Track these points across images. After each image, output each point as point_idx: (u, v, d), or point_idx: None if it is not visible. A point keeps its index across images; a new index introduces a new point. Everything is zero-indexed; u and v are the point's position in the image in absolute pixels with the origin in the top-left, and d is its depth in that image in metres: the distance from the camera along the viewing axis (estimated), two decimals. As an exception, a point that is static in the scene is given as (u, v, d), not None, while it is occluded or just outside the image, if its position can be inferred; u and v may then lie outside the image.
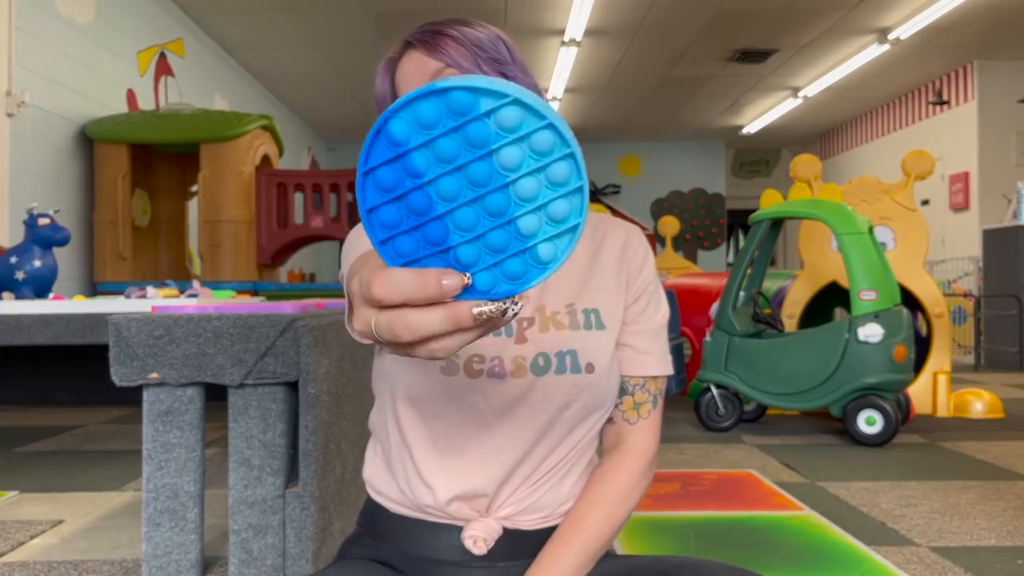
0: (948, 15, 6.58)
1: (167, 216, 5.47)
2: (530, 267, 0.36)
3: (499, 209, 0.35)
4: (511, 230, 0.35)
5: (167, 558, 1.48)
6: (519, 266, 0.36)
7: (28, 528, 2.12)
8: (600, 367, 0.84)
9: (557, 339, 0.84)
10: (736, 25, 6.92)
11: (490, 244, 0.35)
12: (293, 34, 7.01)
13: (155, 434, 1.48)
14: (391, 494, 0.87)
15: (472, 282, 0.36)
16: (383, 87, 0.87)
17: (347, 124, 10.40)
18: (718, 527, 2.17)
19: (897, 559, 1.90)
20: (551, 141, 0.35)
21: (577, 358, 0.83)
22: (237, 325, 1.44)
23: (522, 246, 0.36)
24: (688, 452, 3.15)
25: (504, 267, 0.36)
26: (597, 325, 0.85)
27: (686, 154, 12.10)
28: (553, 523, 0.86)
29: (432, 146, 0.35)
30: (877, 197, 4.19)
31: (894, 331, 3.29)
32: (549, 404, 0.83)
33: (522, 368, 0.82)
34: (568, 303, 0.86)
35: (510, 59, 0.85)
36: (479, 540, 0.81)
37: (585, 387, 0.83)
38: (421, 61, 0.83)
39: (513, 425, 0.83)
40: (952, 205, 8.45)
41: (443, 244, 0.36)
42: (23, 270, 2.26)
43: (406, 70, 0.84)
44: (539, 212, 0.35)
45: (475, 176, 0.35)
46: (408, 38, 0.85)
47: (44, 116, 4.52)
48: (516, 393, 0.82)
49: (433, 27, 0.85)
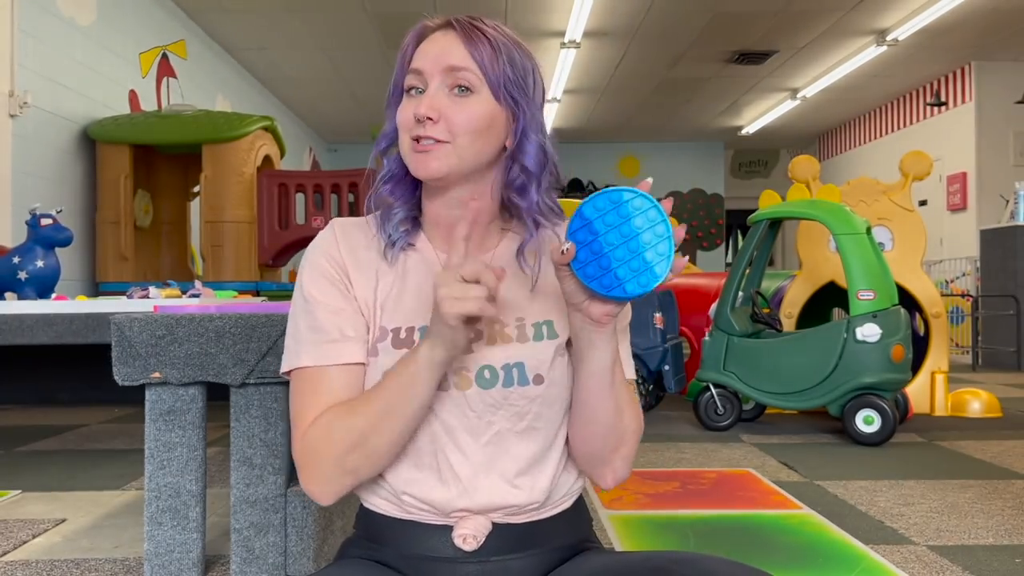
0: (946, 16, 6.60)
1: (169, 216, 5.48)
2: (651, 279, 0.69)
3: (636, 249, 0.70)
4: (641, 259, 0.70)
5: (169, 556, 1.49)
6: (647, 278, 0.70)
7: (30, 527, 2.13)
8: (549, 377, 0.84)
9: (503, 352, 0.84)
10: (735, 26, 6.93)
11: (632, 267, 0.70)
12: (295, 35, 7.02)
13: (157, 433, 1.49)
14: (374, 500, 0.88)
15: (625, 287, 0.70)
16: (405, 48, 0.88)
17: (348, 125, 10.40)
18: (717, 526, 2.18)
19: (895, 558, 1.91)
20: (656, 215, 0.71)
21: (524, 370, 0.84)
22: (239, 325, 1.46)
23: (647, 267, 0.70)
24: (687, 451, 3.16)
25: (639, 279, 0.70)
26: (549, 335, 0.86)
27: (685, 155, 12.10)
28: (542, 517, 0.87)
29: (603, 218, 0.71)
30: (875, 198, 4.21)
31: (892, 331, 3.30)
32: (499, 416, 0.84)
33: (466, 380, 0.83)
34: (518, 317, 0.86)
35: (529, 94, 0.87)
36: (469, 537, 0.82)
37: (535, 398, 0.84)
38: (451, 44, 0.84)
39: (467, 436, 0.84)
40: (950, 206, 8.46)
41: (609, 268, 0.70)
42: (25, 270, 2.27)
43: (437, 46, 0.85)
44: (654, 249, 0.70)
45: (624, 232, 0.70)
46: (453, 20, 0.86)
47: (46, 117, 4.53)
48: (463, 405, 0.83)
49: (480, 24, 0.86)
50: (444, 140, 0.82)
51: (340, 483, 0.82)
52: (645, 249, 0.69)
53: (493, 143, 0.86)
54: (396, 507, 0.86)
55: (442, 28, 0.86)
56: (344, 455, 0.80)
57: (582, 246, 0.70)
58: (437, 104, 0.82)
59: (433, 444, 0.84)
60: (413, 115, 0.83)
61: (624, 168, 12.22)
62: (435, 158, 0.83)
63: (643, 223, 0.69)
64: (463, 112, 0.83)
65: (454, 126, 0.82)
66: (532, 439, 0.85)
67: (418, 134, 0.83)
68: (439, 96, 0.83)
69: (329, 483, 0.82)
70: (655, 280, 0.69)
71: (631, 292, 0.69)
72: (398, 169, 0.89)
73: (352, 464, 0.81)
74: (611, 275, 0.69)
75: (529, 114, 0.87)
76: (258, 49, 7.43)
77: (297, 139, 9.89)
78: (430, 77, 0.84)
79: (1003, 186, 7.61)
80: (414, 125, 0.83)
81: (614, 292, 0.70)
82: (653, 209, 0.70)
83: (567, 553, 0.88)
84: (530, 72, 0.87)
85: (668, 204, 0.72)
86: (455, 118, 0.83)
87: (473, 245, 0.87)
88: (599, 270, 0.69)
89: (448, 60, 0.83)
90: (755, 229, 3.74)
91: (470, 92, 0.84)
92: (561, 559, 0.88)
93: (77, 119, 4.86)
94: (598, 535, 1.19)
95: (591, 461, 0.88)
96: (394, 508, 0.87)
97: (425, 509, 0.84)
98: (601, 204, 0.70)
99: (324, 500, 0.83)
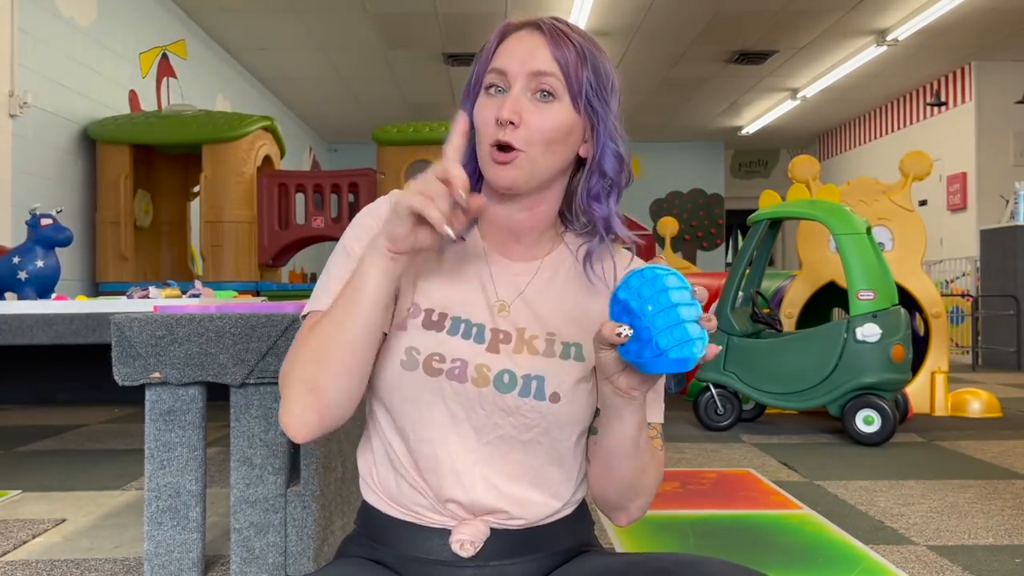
0: (946, 16, 6.60)
1: (169, 216, 5.48)
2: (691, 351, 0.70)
3: (676, 319, 0.70)
4: (682, 329, 0.70)
5: (169, 556, 1.49)
6: (687, 350, 0.70)
7: (30, 527, 2.13)
8: (566, 398, 0.84)
9: (528, 362, 0.84)
10: (735, 26, 6.93)
11: (674, 335, 0.70)
12: (295, 35, 7.02)
13: (157, 433, 1.49)
14: (378, 494, 0.88)
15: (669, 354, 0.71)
16: (489, 44, 0.86)
17: (348, 125, 10.41)
18: (717, 526, 2.19)
19: (895, 558, 1.91)
20: (687, 295, 0.71)
21: (543, 385, 0.83)
22: (239, 325, 1.46)
23: (689, 338, 0.70)
24: (687, 451, 3.16)
25: (681, 349, 0.70)
26: (576, 357, 0.85)
27: (685, 155, 12.11)
28: (542, 523, 0.86)
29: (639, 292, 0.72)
30: (875, 198, 4.21)
31: (892, 331, 3.30)
32: (507, 421, 0.83)
33: (485, 377, 0.83)
34: (549, 332, 0.86)
35: (608, 103, 0.86)
36: (466, 543, 0.82)
37: (547, 415, 0.83)
38: (536, 47, 0.83)
39: (470, 430, 0.84)
40: (950, 206, 8.46)
41: (650, 340, 0.71)
42: (26, 270, 2.27)
43: (522, 46, 0.83)
44: (691, 323, 0.70)
45: (663, 303, 0.71)
46: (540, 21, 0.85)
47: (46, 117, 4.53)
48: (474, 400, 0.83)
49: (567, 28, 0.85)
50: (521, 149, 0.81)
51: (304, 403, 0.78)
52: (684, 321, 0.70)
53: (568, 152, 0.85)
54: (397, 507, 0.86)
55: (528, 28, 0.85)
56: (304, 367, 0.79)
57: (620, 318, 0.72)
58: (519, 108, 0.81)
59: (436, 431, 0.83)
60: (495, 118, 0.82)
61: (624, 168, 12.21)
62: (515, 167, 0.82)
63: (679, 298, 0.70)
64: (545, 119, 0.82)
65: (533, 132, 0.81)
66: (533, 452, 0.85)
67: (498, 139, 0.81)
68: (522, 100, 0.82)
69: (296, 403, 0.78)
70: (694, 355, 0.69)
71: (673, 359, 0.70)
72: (467, 163, 0.87)
73: (311, 375, 0.78)
74: (652, 346, 0.70)
75: (609, 123, 0.86)
76: (258, 49, 7.43)
77: (297, 139, 9.89)
78: (514, 79, 0.82)
79: (1003, 186, 7.61)
80: (495, 128, 0.82)
81: (657, 360, 0.70)
82: (686, 290, 0.71)
83: (567, 557, 0.88)
84: (612, 80, 0.87)
85: (702, 293, 0.75)
86: (536, 124, 0.81)
87: (524, 248, 0.89)
88: (640, 345, 0.71)
89: (534, 64, 0.82)
90: (755, 229, 3.74)
91: (552, 99, 0.82)
92: (560, 563, 0.87)
93: (77, 119, 4.86)
94: (598, 536, 1.19)
95: (607, 504, 0.89)
96: (393, 507, 0.87)
97: (419, 503, 0.84)
98: (633, 282, 0.72)
99: (295, 431, 0.79)
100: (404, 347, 0.83)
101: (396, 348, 0.83)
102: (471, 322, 0.85)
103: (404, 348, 0.83)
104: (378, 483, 0.88)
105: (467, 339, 0.84)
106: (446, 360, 0.82)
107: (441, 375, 0.82)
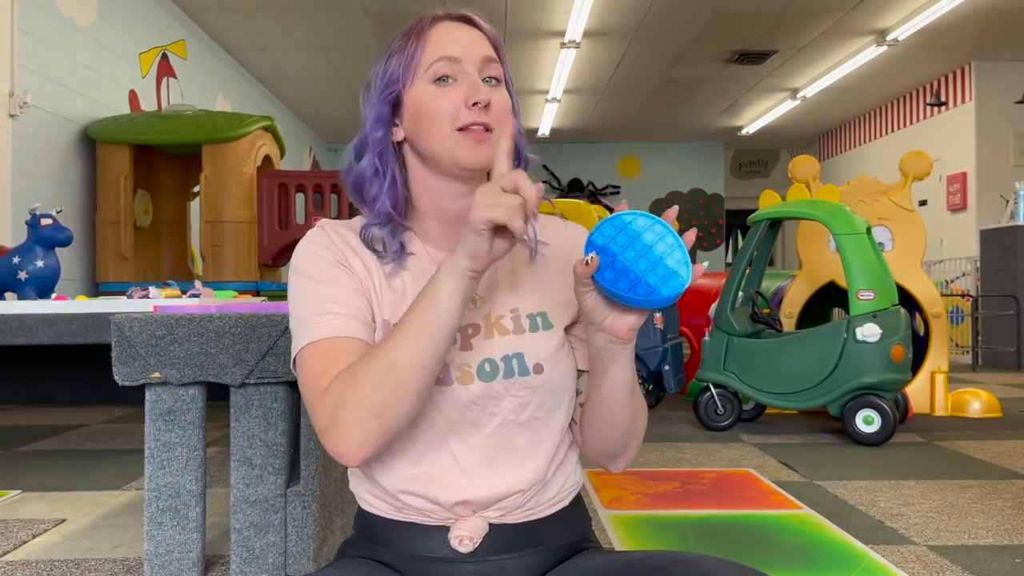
0: (946, 16, 6.60)
1: (169, 216, 5.48)
2: (679, 282, 0.73)
3: (656, 259, 0.73)
4: (664, 267, 0.73)
5: (169, 556, 1.49)
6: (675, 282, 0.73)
7: (30, 527, 2.13)
8: (548, 366, 0.85)
9: (502, 344, 0.85)
10: (735, 26, 6.93)
11: (658, 274, 0.73)
12: (295, 35, 7.02)
13: (157, 433, 1.49)
14: (371, 502, 0.89)
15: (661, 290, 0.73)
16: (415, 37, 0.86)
17: (348, 125, 10.40)
18: (717, 526, 2.19)
19: (895, 558, 1.91)
20: (661, 228, 0.73)
21: (524, 360, 0.85)
22: (239, 325, 1.46)
23: (672, 272, 0.73)
24: (687, 451, 3.16)
25: (669, 282, 0.73)
26: (544, 326, 0.87)
27: (685, 155, 12.11)
28: (540, 515, 0.87)
29: (613, 240, 0.73)
30: (875, 198, 4.21)
31: (892, 331, 3.30)
32: (502, 408, 0.84)
33: (468, 375, 0.83)
34: (512, 308, 0.87)
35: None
36: (465, 539, 0.83)
37: (536, 387, 0.85)
38: (474, 36, 0.87)
39: (469, 428, 0.84)
40: (950, 206, 8.46)
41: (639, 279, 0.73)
42: (25, 270, 2.26)
43: (462, 35, 0.86)
44: (671, 257, 0.73)
45: (638, 248, 0.73)
46: (465, 14, 0.88)
47: (46, 117, 4.53)
48: (466, 399, 0.83)
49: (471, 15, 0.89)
50: (492, 129, 0.84)
51: (368, 429, 0.75)
52: (663, 258, 0.72)
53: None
54: (393, 509, 0.87)
55: (453, 20, 0.88)
56: (371, 392, 0.75)
57: (604, 267, 0.73)
58: (485, 91, 0.84)
59: (436, 438, 0.84)
60: (470, 101, 0.83)
61: (624, 168, 12.22)
62: (487, 146, 0.83)
63: (652, 237, 0.73)
64: (501, 101, 0.86)
65: (498, 113, 0.84)
66: (534, 429, 0.86)
67: (474, 120, 0.83)
68: (485, 86, 0.85)
69: (358, 429, 0.75)
70: (683, 283, 0.72)
71: (667, 295, 0.73)
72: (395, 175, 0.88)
73: (380, 400, 0.75)
74: (643, 284, 0.72)
75: (518, 103, 0.91)
76: (258, 49, 7.43)
77: (297, 139, 9.89)
78: (468, 65, 0.85)
79: (1003, 186, 7.61)
80: (465, 112, 0.83)
81: (652, 297, 0.73)
82: (657, 224, 0.73)
83: (566, 552, 0.88)
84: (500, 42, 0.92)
85: (672, 213, 0.74)
86: (499, 105, 0.85)
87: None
88: (629, 283, 0.73)
89: (483, 51, 0.86)
90: (755, 229, 3.74)
91: (499, 84, 0.87)
92: (559, 559, 0.88)
93: (77, 119, 4.86)
94: (598, 535, 1.19)
95: (605, 455, 0.91)
96: (391, 510, 0.87)
97: (423, 509, 0.84)
98: (607, 231, 0.73)
99: (353, 457, 0.77)
100: None
101: None
102: None
103: None
104: (374, 493, 0.88)
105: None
106: None
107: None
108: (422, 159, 0.88)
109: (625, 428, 0.87)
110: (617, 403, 0.84)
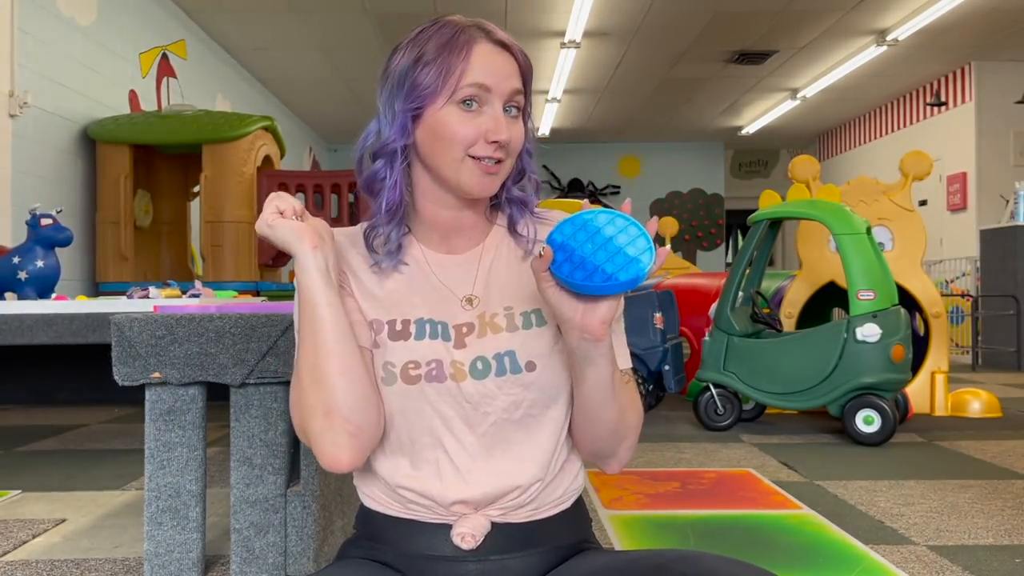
0: (946, 16, 6.60)
1: (169, 216, 5.48)
2: (639, 268, 0.73)
3: (615, 250, 0.74)
4: (623, 255, 0.74)
5: (169, 556, 1.49)
6: (635, 268, 0.74)
7: (30, 527, 2.13)
8: (541, 364, 0.85)
9: (494, 342, 0.86)
10: (735, 26, 6.93)
11: (616, 263, 0.73)
12: (295, 35, 7.02)
13: (157, 433, 1.49)
14: (374, 498, 0.89)
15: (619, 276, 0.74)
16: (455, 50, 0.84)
17: (348, 125, 10.40)
18: (717, 526, 2.19)
19: (895, 558, 1.91)
20: (622, 221, 0.75)
21: (516, 358, 0.85)
22: (239, 325, 1.46)
23: (632, 259, 0.74)
24: (687, 451, 3.16)
25: (627, 269, 0.73)
26: (538, 322, 0.87)
27: (685, 155, 12.11)
28: (542, 516, 0.87)
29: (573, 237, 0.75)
30: (875, 198, 4.21)
31: (892, 331, 3.30)
32: (496, 406, 0.85)
33: (461, 372, 0.84)
34: (506, 306, 0.88)
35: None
36: (467, 536, 0.83)
37: (529, 385, 0.85)
38: (509, 64, 0.87)
39: (464, 427, 0.85)
40: (950, 206, 8.46)
41: (597, 269, 0.74)
42: (25, 270, 2.26)
43: (499, 63, 0.86)
44: (632, 245, 0.74)
45: (598, 241, 0.74)
46: (508, 40, 0.87)
47: (46, 117, 4.53)
48: (459, 395, 0.84)
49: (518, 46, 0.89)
50: (504, 161, 0.87)
51: (329, 429, 0.81)
52: (623, 248, 0.73)
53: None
54: (395, 505, 0.87)
55: (495, 44, 0.87)
56: (308, 399, 0.82)
57: (562, 261, 0.74)
58: (506, 127, 0.85)
59: (431, 436, 0.85)
60: (490, 137, 0.84)
61: (624, 168, 12.22)
62: (498, 177, 0.87)
63: (613, 230, 0.74)
64: (517, 134, 0.88)
65: (512, 147, 0.87)
66: (529, 428, 0.86)
67: (488, 155, 0.85)
68: (503, 117, 0.86)
69: (324, 436, 0.81)
70: (642, 269, 0.73)
71: (624, 280, 0.73)
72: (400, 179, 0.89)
73: (321, 401, 0.81)
74: (600, 272, 0.73)
75: (533, 131, 0.93)
76: (258, 49, 7.43)
77: (297, 139, 9.89)
78: (496, 97, 0.85)
79: (1003, 186, 7.61)
80: (483, 145, 0.85)
81: (610, 283, 0.73)
82: (618, 217, 0.75)
83: (567, 553, 0.88)
84: (530, 70, 0.91)
85: (627, 207, 0.77)
86: (515, 140, 0.87)
87: (465, 241, 0.92)
88: (586, 273, 0.74)
89: (513, 84, 0.86)
90: (755, 229, 3.74)
91: (519, 114, 0.88)
92: (560, 559, 0.88)
93: (77, 119, 4.86)
94: (598, 535, 1.19)
95: (597, 455, 0.91)
96: (393, 506, 0.87)
97: (424, 504, 0.85)
98: (567, 229, 0.75)
99: (338, 463, 0.82)
100: (380, 364, 0.86)
101: (375, 368, 0.86)
102: (434, 320, 0.87)
103: (380, 365, 0.86)
104: (376, 488, 0.89)
105: (435, 339, 0.86)
106: (421, 365, 0.84)
107: (420, 381, 0.84)
108: (427, 169, 0.89)
109: (612, 427, 0.86)
110: (598, 402, 0.83)
